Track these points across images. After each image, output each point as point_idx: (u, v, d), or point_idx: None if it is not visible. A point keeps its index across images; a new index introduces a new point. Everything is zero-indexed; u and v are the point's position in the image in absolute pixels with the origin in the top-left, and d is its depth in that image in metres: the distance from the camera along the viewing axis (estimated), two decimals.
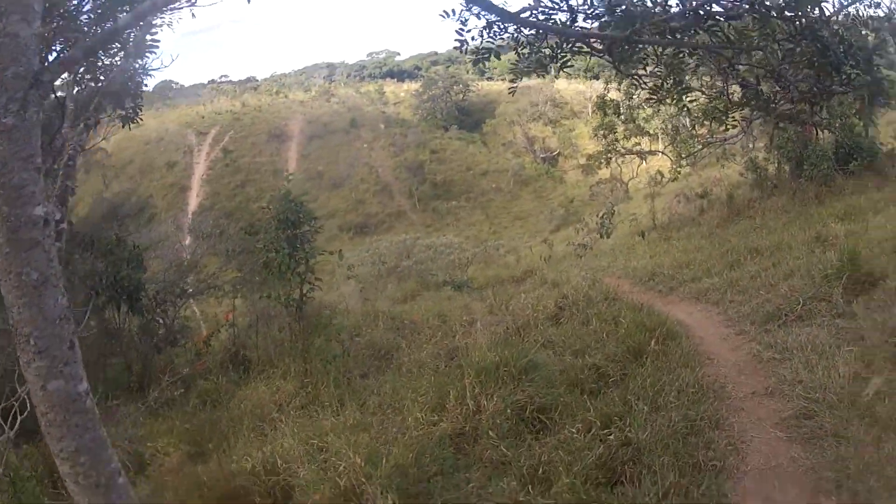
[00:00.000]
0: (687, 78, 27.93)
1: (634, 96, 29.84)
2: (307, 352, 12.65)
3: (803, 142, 24.18)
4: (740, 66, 12.54)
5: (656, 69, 12.21)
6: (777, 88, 26.72)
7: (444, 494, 7.07)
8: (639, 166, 49.56)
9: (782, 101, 26.39)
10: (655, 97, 14.76)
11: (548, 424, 8.41)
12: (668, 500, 6.46)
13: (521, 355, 9.59)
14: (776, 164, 26.49)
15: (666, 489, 6.58)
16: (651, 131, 38.53)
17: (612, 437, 7.53)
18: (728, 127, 26.79)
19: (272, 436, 9.30)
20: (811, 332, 10.32)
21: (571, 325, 12.82)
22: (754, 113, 27.24)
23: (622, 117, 31.71)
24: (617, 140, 32.76)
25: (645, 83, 13.27)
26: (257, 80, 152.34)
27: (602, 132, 32.47)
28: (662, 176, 31.99)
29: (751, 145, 30.38)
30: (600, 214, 22.38)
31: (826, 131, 25.30)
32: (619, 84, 29.37)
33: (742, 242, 18.59)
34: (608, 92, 31.19)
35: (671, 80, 12.71)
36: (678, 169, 29.91)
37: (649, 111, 32.54)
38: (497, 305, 15.75)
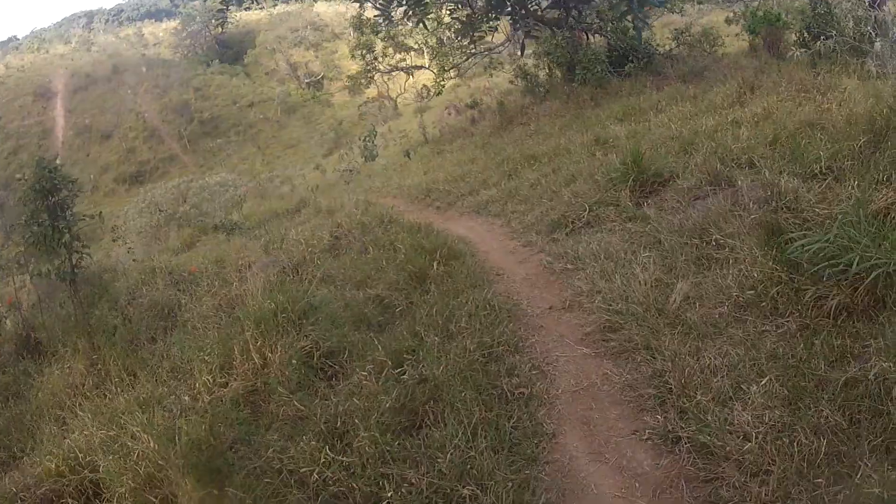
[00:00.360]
0: None
1: (392, 13, 29.37)
2: (89, 325, 11.47)
3: (574, 46, 24.27)
4: None
5: None
6: None
7: (244, 464, 6.33)
8: (406, 82, 49.36)
9: (542, 9, 26.83)
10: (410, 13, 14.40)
11: (338, 370, 7.76)
12: (479, 438, 5.91)
13: (298, 297, 8.86)
14: (547, 70, 26.58)
15: (474, 426, 6.04)
16: (415, 46, 38.11)
17: (406, 375, 6.96)
18: (485, 35, 27.12)
19: (73, 425, 8.18)
20: (602, 238, 10.05)
21: (349, 255, 12.33)
22: (517, 22, 27.44)
23: (381, 35, 31.14)
24: (376, 58, 31.98)
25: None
26: (18, 39, 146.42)
27: (361, 52, 31.59)
28: (429, 90, 31.27)
29: (519, 53, 30.38)
30: (362, 137, 21.73)
31: (597, 35, 25.56)
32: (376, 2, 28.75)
33: (518, 150, 18.51)
34: (364, 11, 30.20)
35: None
36: (441, 82, 29.08)
37: (409, 26, 32.10)
38: (272, 243, 14.91)
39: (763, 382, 5.67)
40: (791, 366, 5.81)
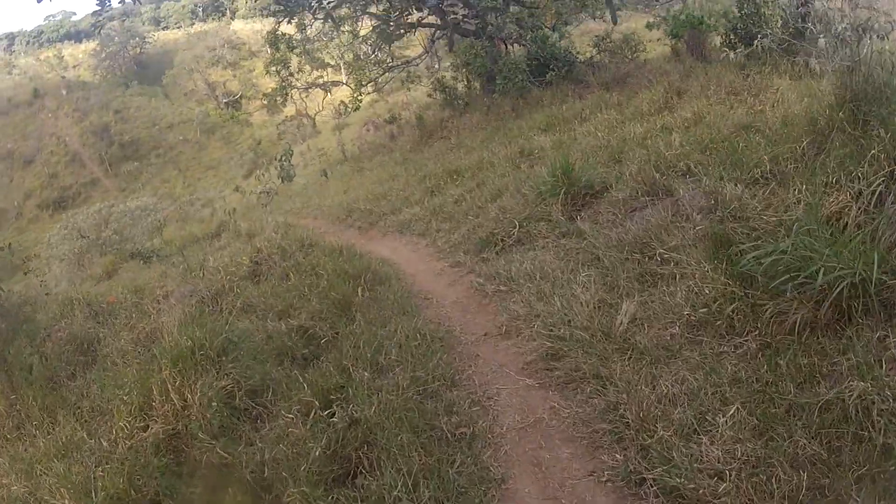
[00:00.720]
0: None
1: (308, 28, 28.69)
2: (6, 363, 10.81)
3: (493, 56, 23.95)
4: None
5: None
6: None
7: None
8: (324, 99, 48.82)
9: (463, 18, 26.40)
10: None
11: (263, 411, 7.19)
12: (421, 488, 5.35)
13: (217, 331, 8.13)
14: (465, 82, 26.35)
15: (414, 474, 5.46)
16: (332, 62, 37.37)
17: (335, 417, 6.34)
18: (402, 39, 26.98)
19: None
20: (536, 256, 9.56)
21: (270, 282, 11.66)
22: (436, 32, 27.03)
23: (296, 50, 30.23)
24: (292, 74, 30.81)
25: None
26: None
27: (276, 68, 30.42)
28: (346, 107, 30.28)
29: (436, 66, 29.97)
30: (278, 157, 20.98)
31: (516, 45, 25.30)
32: (291, 19, 28.04)
33: (440, 165, 18.30)
34: (278, 26, 29.28)
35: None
36: (358, 97, 28.02)
37: (325, 41, 31.38)
38: (191, 270, 14.09)
39: (730, 412, 5.24)
40: (757, 390, 5.41)
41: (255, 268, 12.72)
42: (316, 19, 27.27)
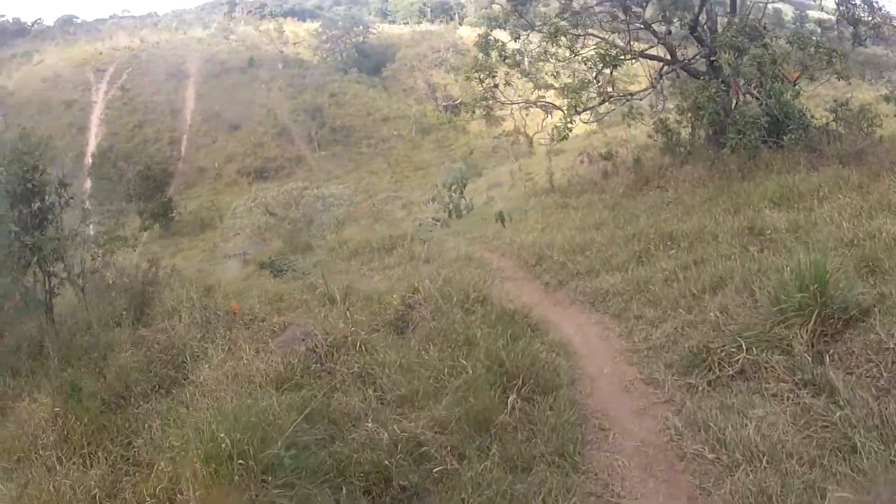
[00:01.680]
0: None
1: (523, 40, 25.35)
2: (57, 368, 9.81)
3: (724, 105, 20.67)
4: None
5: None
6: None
7: None
8: (543, 120, 46.58)
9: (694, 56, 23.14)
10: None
11: None
12: None
13: (269, 438, 6.07)
14: (690, 128, 23.14)
15: None
16: (555, 84, 34.22)
17: None
18: (624, 66, 23.34)
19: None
20: (764, 413, 6.77)
21: (408, 344, 9.59)
22: (664, 67, 23.65)
23: (507, 60, 26.39)
24: (496, 86, 26.30)
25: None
26: (158, 16, 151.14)
27: (478, 75, 25.80)
28: (558, 131, 26.02)
29: (660, 105, 26.31)
30: (448, 185, 16.84)
31: (747, 95, 21.80)
32: (517, 32, 24.91)
33: (652, 224, 15.56)
34: (492, 30, 25.91)
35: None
36: (568, 124, 23.83)
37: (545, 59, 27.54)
38: (330, 299, 12.34)
39: None
40: None
41: (405, 313, 10.88)
42: (537, 31, 24.43)
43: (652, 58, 24.14)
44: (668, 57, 23.38)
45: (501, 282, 13.64)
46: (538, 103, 28.23)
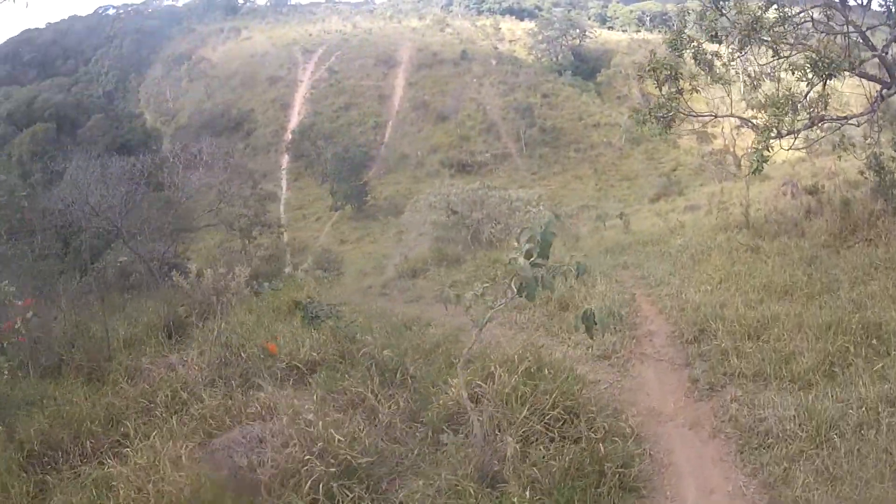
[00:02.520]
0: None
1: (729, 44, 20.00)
2: None
3: None
4: None
5: None
6: None
7: None
8: (754, 141, 43.09)
9: None
10: None
11: None
12: None
13: None
14: None
15: None
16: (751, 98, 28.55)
17: None
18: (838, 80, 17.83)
19: None
20: None
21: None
22: (883, 90, 18.75)
23: (697, 60, 20.14)
24: (680, 92, 19.43)
25: None
26: (374, 3, 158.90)
27: (657, 74, 19.44)
28: (755, 160, 19.54)
29: (875, 136, 21.68)
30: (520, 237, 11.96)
31: None
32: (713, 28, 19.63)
33: (855, 297, 11.99)
34: (685, 26, 20.27)
35: None
36: (764, 151, 17.47)
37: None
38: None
39: None
40: None
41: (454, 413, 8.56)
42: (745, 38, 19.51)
43: (869, 77, 19.49)
44: (887, 78, 18.90)
45: (640, 362, 11.17)
46: (734, 117, 22.62)
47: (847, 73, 17.52)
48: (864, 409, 8.08)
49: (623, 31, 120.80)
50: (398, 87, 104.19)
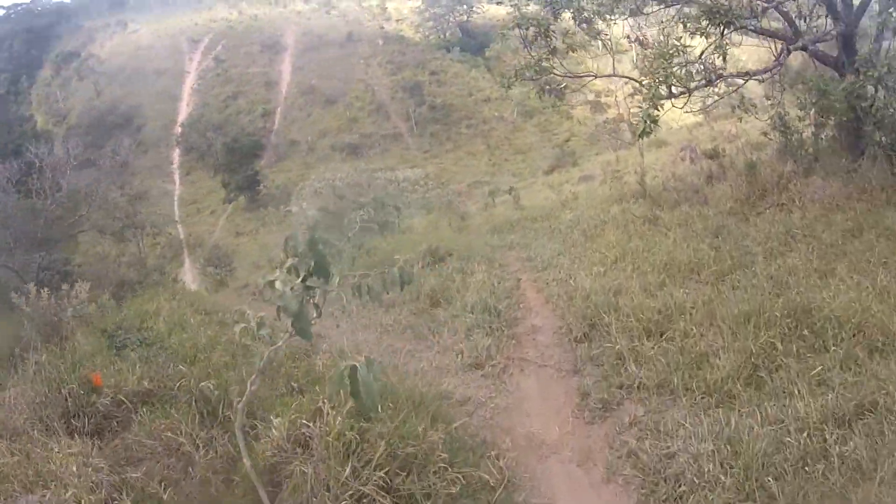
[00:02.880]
0: None
1: None
2: None
3: (860, 96, 14.97)
4: None
5: None
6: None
7: None
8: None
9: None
10: None
11: None
12: None
13: None
14: (814, 128, 17.31)
15: None
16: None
17: None
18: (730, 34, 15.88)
19: None
20: None
21: None
22: (783, 48, 17.10)
23: (576, 19, 18.53)
24: (553, 50, 17.90)
25: None
26: None
27: (524, 33, 17.93)
28: (641, 123, 17.27)
29: (778, 95, 20.07)
30: (286, 246, 9.45)
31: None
32: None
33: (774, 273, 10.27)
34: None
35: None
36: (652, 107, 15.16)
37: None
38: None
39: None
40: None
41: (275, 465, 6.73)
42: None
43: (770, 34, 17.87)
44: (789, 34, 17.27)
45: (520, 370, 9.36)
46: (618, 77, 20.85)
47: (745, 31, 16.03)
48: (805, 433, 6.22)
49: (512, 5, 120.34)
50: (285, 72, 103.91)
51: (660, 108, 14.56)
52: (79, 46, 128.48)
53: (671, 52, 14.94)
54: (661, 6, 17.41)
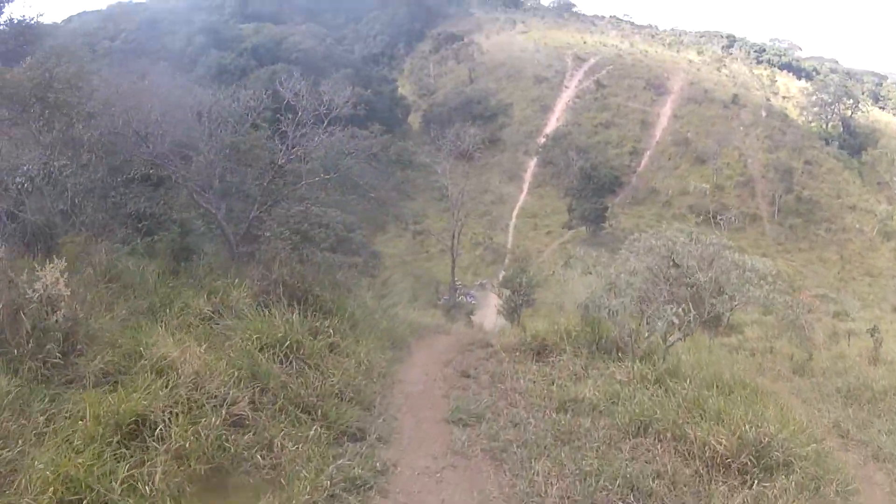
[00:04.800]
0: None
1: None
2: None
3: None
4: None
5: None
6: None
7: None
8: None
9: None
10: None
11: None
12: None
13: None
14: None
15: None
16: None
17: None
18: None
19: None
20: None
21: None
22: None
23: None
24: None
25: None
26: (657, 29, 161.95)
27: None
28: None
29: None
30: None
31: None
32: None
33: None
34: None
35: None
36: None
37: None
38: None
39: None
40: None
41: None
42: None
43: None
44: None
45: None
46: None
47: None
48: None
49: (895, 113, 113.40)
50: (663, 116, 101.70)
51: None
52: (463, 31, 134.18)
53: None
54: None
